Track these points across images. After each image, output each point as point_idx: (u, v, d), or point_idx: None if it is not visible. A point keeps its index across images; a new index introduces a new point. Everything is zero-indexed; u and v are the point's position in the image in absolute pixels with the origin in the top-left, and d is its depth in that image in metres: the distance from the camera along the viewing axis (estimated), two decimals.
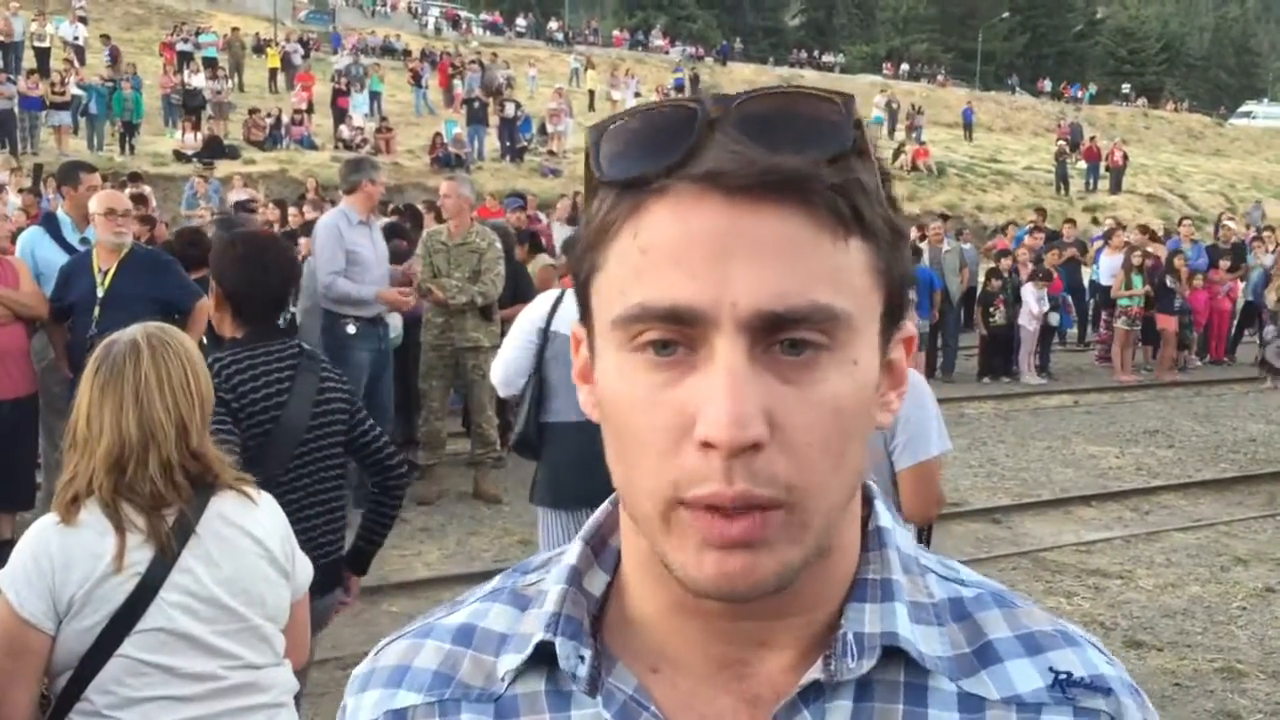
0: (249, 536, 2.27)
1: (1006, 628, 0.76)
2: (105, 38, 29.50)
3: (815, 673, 0.71)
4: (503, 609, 0.80)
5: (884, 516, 0.78)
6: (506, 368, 4.37)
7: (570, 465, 4.06)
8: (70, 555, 2.09)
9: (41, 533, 2.12)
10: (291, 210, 12.88)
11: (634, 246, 0.67)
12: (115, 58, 26.99)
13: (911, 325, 0.76)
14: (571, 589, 0.76)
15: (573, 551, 0.79)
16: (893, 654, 0.72)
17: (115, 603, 2.10)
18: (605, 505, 0.80)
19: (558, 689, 0.75)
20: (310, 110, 27.17)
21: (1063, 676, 0.74)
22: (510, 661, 0.76)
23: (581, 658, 0.73)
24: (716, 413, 0.63)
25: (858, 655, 0.71)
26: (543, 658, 0.75)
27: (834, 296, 0.65)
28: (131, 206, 6.13)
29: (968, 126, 40.55)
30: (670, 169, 0.66)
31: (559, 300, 4.29)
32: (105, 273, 5.46)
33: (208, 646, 2.19)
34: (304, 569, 2.43)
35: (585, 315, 0.72)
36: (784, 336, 0.65)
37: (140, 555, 2.13)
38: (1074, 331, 16.29)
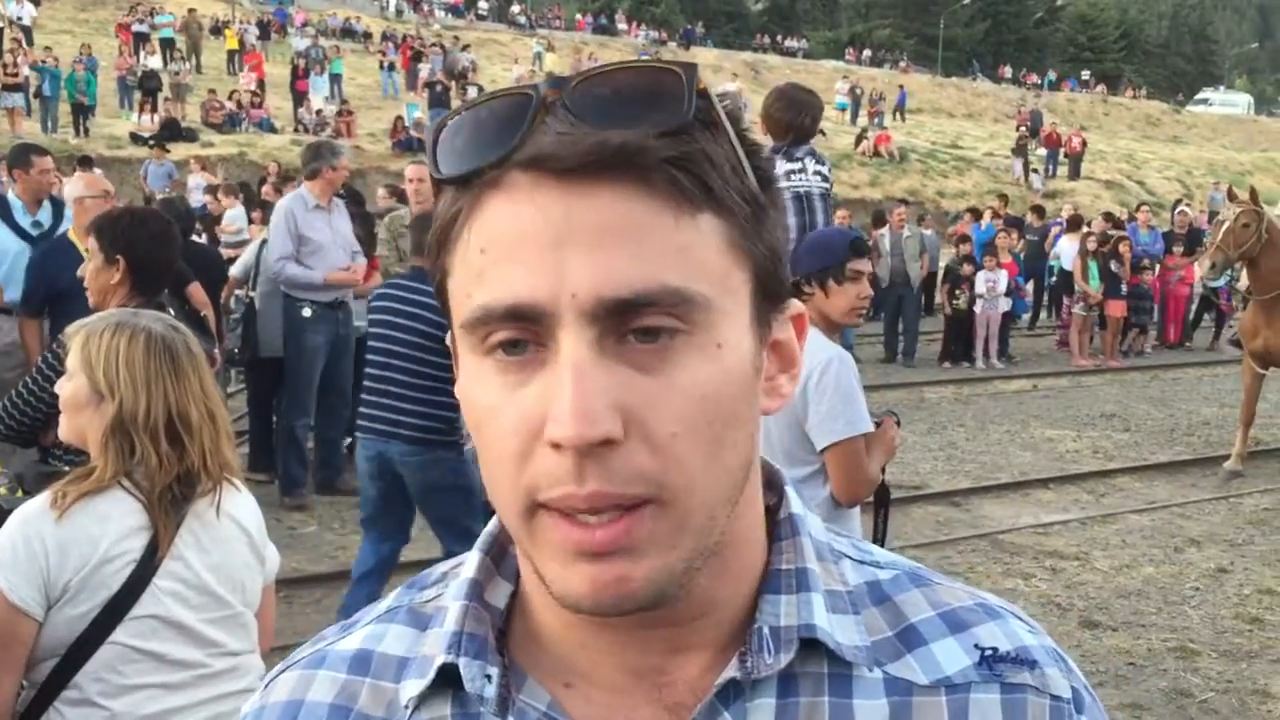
0: (235, 523, 2.27)
1: (928, 607, 0.74)
2: None
3: (731, 670, 0.68)
4: (401, 629, 0.75)
5: (795, 503, 0.75)
6: None
7: None
8: (66, 541, 2.06)
9: (32, 518, 2.08)
10: (221, 192, 12.77)
11: (474, 246, 0.64)
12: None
13: (799, 303, 0.72)
14: (473, 604, 0.72)
15: (471, 563, 0.74)
16: (813, 645, 0.69)
17: (110, 589, 2.08)
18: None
19: (465, 712, 0.70)
20: (261, 90, 26.86)
21: (988, 652, 0.72)
22: (413, 688, 0.71)
23: (488, 677, 0.69)
24: (560, 410, 0.60)
25: (774, 650, 0.68)
26: (447, 680, 0.70)
27: (685, 278, 0.61)
28: (111, 188, 6.03)
29: (900, 109, 40.59)
30: (501, 159, 0.62)
31: None
32: None
33: (195, 634, 2.18)
34: (273, 555, 2.44)
35: (448, 321, 0.68)
36: (635, 325, 0.61)
37: (135, 542, 2.11)
38: (1034, 316, 16.46)
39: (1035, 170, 32.20)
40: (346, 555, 6.20)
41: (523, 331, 0.62)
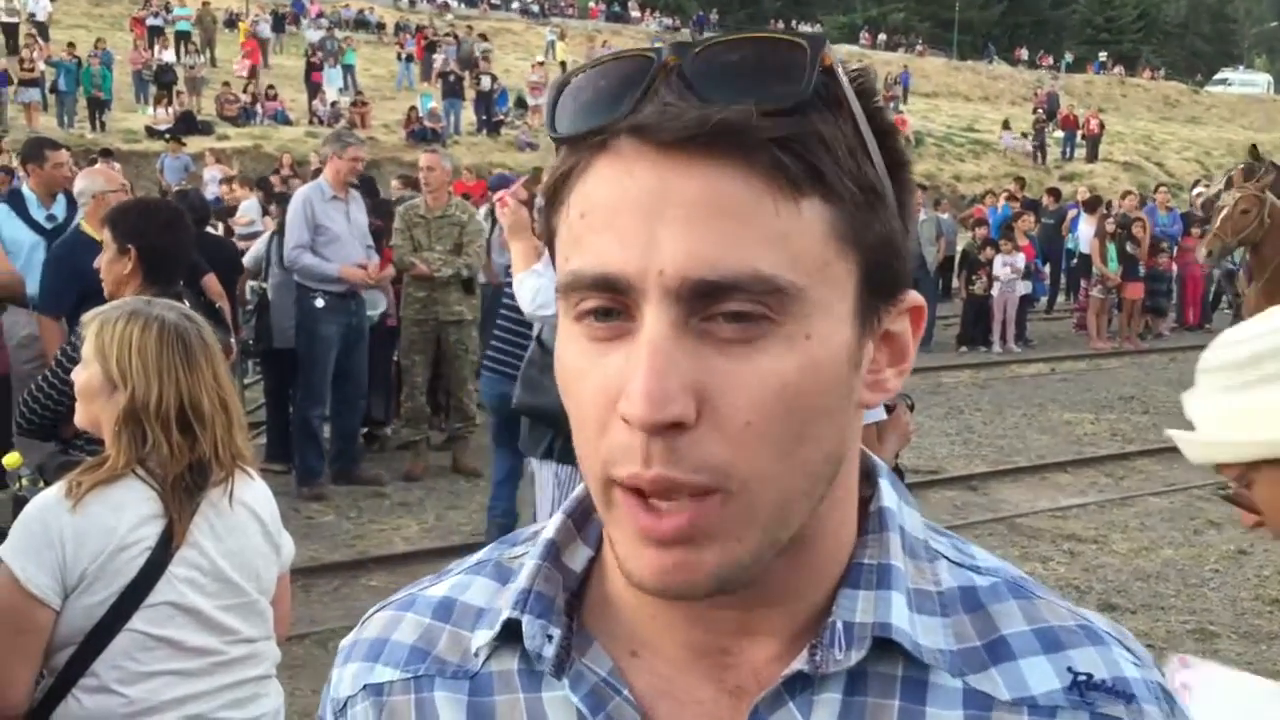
0: (248, 511, 2.29)
1: (1023, 621, 0.70)
2: None
3: (800, 663, 0.67)
4: (485, 582, 0.77)
5: (887, 497, 0.72)
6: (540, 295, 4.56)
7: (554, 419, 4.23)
8: (81, 529, 2.07)
9: (49, 506, 2.09)
10: (235, 183, 12.87)
11: (575, 210, 0.63)
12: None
13: (918, 295, 0.69)
14: (546, 564, 0.73)
15: (552, 525, 0.75)
16: (888, 645, 0.67)
17: (126, 577, 2.10)
18: None
19: (530, 669, 0.72)
20: (254, 75, 26.92)
21: (1082, 678, 0.68)
22: (481, 638, 0.73)
23: (549, 637, 0.70)
24: (633, 388, 0.59)
25: (846, 646, 0.66)
26: (515, 635, 0.71)
27: (777, 266, 0.59)
28: (123, 180, 6.07)
29: (905, 90, 40.27)
30: (614, 123, 0.61)
31: None
32: None
33: (211, 621, 2.20)
34: (288, 543, 2.46)
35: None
36: (722, 308, 0.59)
37: (149, 530, 2.13)
38: (1051, 299, 16.38)
39: (1040, 144, 32.16)
40: (364, 544, 6.24)
41: (612, 301, 0.61)
